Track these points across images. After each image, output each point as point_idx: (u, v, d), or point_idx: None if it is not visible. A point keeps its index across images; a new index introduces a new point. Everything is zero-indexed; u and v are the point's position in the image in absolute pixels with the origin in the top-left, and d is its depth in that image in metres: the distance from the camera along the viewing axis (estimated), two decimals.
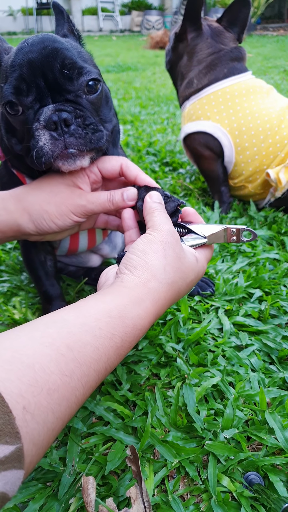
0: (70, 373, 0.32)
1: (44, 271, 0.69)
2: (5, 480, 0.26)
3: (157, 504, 0.47)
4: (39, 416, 0.28)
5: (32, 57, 0.49)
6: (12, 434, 0.26)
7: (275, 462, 0.49)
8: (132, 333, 0.39)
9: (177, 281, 0.45)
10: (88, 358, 0.34)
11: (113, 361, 0.37)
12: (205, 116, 1.09)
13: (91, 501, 0.45)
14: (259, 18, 9.49)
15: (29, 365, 0.29)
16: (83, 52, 0.55)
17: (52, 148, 0.50)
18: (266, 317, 0.75)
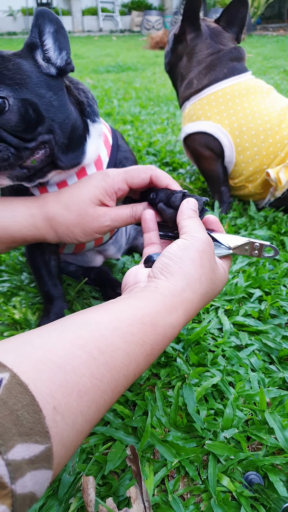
0: (101, 377, 0.32)
1: (47, 271, 0.69)
2: (35, 479, 0.26)
3: (157, 504, 0.47)
4: (69, 417, 0.28)
5: None
6: (42, 434, 0.26)
7: (275, 462, 0.50)
8: (162, 341, 0.39)
9: (208, 292, 0.45)
10: (118, 363, 0.34)
11: (142, 367, 0.37)
12: (206, 117, 1.09)
13: (91, 500, 0.45)
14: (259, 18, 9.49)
15: (60, 366, 0.29)
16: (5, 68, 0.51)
17: None
18: (266, 317, 0.75)
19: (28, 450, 0.25)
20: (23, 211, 0.56)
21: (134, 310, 0.38)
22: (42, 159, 0.55)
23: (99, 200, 0.56)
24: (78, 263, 0.86)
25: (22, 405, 0.26)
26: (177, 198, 0.51)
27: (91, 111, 0.63)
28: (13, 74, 0.51)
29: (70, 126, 0.57)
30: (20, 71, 0.52)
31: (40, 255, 0.69)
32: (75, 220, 0.56)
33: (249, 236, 1.03)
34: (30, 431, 0.26)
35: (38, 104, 0.53)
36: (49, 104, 0.54)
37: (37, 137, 0.53)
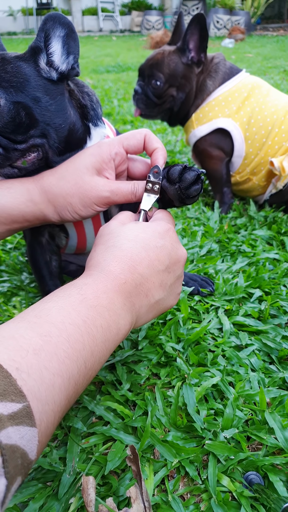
0: (47, 333, 0.34)
1: (48, 271, 0.69)
2: (19, 434, 0.27)
3: (157, 504, 0.47)
4: (34, 374, 0.30)
5: None
6: (17, 393, 0.28)
7: (275, 462, 0.50)
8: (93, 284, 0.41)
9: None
10: (56, 317, 0.36)
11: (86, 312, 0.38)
12: (217, 117, 1.10)
13: (91, 500, 0.45)
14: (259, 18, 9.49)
15: (9, 337, 0.32)
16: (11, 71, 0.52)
17: None
18: (266, 317, 0.75)
19: (6, 407, 0.27)
20: (18, 187, 0.54)
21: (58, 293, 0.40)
22: (34, 162, 0.55)
23: (96, 169, 0.55)
24: (79, 263, 0.86)
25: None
26: (176, 171, 0.51)
27: (94, 115, 0.64)
28: (10, 77, 0.51)
29: (67, 130, 0.57)
30: (19, 74, 0.52)
31: (41, 255, 0.69)
32: (72, 189, 0.53)
33: (249, 236, 1.03)
34: (4, 392, 0.28)
35: (32, 108, 0.53)
36: (44, 109, 0.54)
37: (28, 140, 0.53)
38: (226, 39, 6.39)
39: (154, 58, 1.13)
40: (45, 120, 0.54)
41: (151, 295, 0.45)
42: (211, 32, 7.67)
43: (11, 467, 0.26)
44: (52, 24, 0.54)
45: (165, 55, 1.11)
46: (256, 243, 1.00)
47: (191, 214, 1.17)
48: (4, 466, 0.26)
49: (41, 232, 0.67)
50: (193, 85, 1.12)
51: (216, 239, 1.03)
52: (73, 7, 9.25)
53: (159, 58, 1.11)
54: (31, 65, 0.54)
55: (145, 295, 0.45)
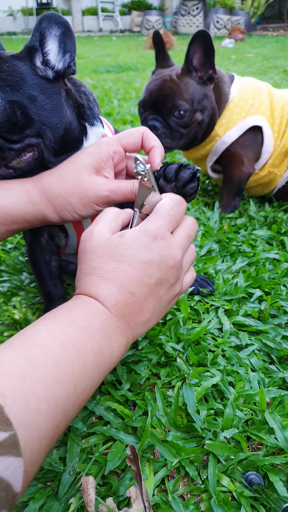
0: (34, 357, 0.32)
1: (48, 271, 0.69)
2: (4, 465, 0.26)
3: (157, 503, 0.47)
4: (19, 399, 0.29)
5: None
6: (4, 422, 0.27)
7: (275, 462, 0.50)
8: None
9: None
10: (44, 339, 0.34)
11: (74, 335, 0.37)
12: (242, 118, 1.08)
13: (91, 500, 0.45)
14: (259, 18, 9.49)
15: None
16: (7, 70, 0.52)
17: None
18: (266, 317, 0.75)
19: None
20: (17, 187, 0.54)
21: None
22: (29, 162, 0.55)
23: (94, 168, 0.54)
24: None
25: None
26: (172, 170, 0.51)
27: (91, 114, 0.63)
28: (6, 75, 0.51)
29: (63, 130, 0.57)
30: (15, 73, 0.52)
31: (41, 255, 0.69)
32: (71, 189, 0.53)
33: (249, 236, 1.03)
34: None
35: (28, 107, 0.53)
36: (40, 108, 0.54)
37: (24, 140, 0.53)
38: (226, 39, 6.39)
39: (165, 88, 1.03)
40: (41, 120, 0.54)
41: (146, 310, 0.43)
42: (211, 32, 7.67)
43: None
44: (48, 24, 0.54)
45: (176, 81, 1.03)
46: (256, 243, 1.00)
47: (191, 214, 1.17)
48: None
49: (40, 232, 0.67)
50: (214, 102, 1.07)
51: (216, 239, 1.03)
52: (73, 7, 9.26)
53: (172, 87, 1.02)
54: (27, 64, 0.54)
55: (139, 311, 0.43)
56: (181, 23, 8.39)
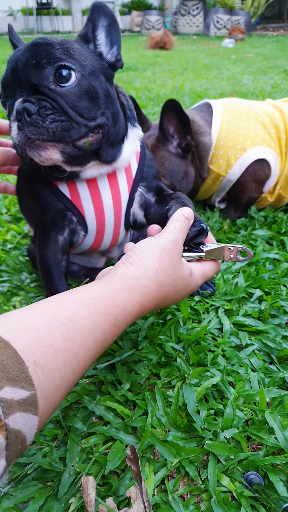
0: (72, 339, 0.36)
1: (58, 270, 0.68)
2: (24, 420, 0.29)
3: (157, 504, 0.47)
4: (48, 371, 0.32)
5: (17, 53, 0.51)
6: (27, 381, 0.30)
7: (275, 462, 0.50)
8: (123, 315, 0.43)
9: (166, 284, 0.49)
10: (86, 329, 0.38)
11: (108, 336, 0.41)
12: (239, 151, 1.01)
13: (91, 500, 0.45)
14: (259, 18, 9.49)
15: (34, 329, 0.34)
16: (73, 49, 0.52)
17: (18, 139, 0.51)
18: (266, 317, 0.75)
19: (16, 393, 0.29)
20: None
21: (95, 288, 0.43)
22: (93, 144, 0.56)
23: None
24: (82, 263, 0.85)
25: (7, 356, 0.30)
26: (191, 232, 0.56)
27: (131, 115, 0.65)
28: (79, 55, 0.53)
29: (118, 120, 0.59)
30: (83, 56, 0.54)
31: (54, 254, 0.67)
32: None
33: (249, 236, 1.03)
34: (16, 378, 0.29)
35: (98, 90, 0.54)
36: (106, 93, 0.55)
37: (97, 118, 0.55)
38: (226, 39, 6.39)
39: None
40: (107, 104, 0.56)
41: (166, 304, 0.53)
42: (211, 32, 7.67)
43: (12, 451, 0.28)
44: (98, 14, 0.56)
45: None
46: (256, 243, 1.00)
47: None
48: (7, 449, 0.27)
49: (62, 229, 0.66)
50: (193, 177, 1.01)
51: (216, 239, 1.03)
52: (73, 7, 9.25)
53: None
54: (88, 49, 0.56)
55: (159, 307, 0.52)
56: (181, 23, 8.39)
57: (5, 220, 1.16)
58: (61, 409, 0.57)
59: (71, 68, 0.51)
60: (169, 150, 0.97)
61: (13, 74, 0.51)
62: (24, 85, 0.51)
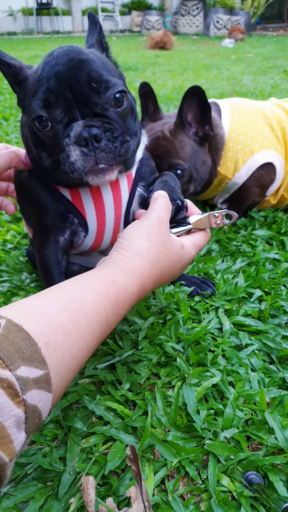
0: (78, 321, 0.39)
1: (58, 271, 0.68)
2: (39, 397, 0.32)
3: (157, 503, 0.47)
4: (59, 351, 0.35)
5: (59, 70, 0.50)
6: (40, 361, 0.33)
7: (275, 461, 0.50)
8: (124, 295, 0.46)
9: (160, 261, 0.52)
10: (90, 311, 0.41)
11: (112, 316, 0.44)
12: (247, 154, 1.00)
13: (91, 500, 0.45)
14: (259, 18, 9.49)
15: (43, 313, 0.36)
16: (108, 63, 0.55)
17: (83, 164, 0.51)
18: (266, 317, 0.75)
19: (31, 372, 0.31)
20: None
21: (93, 274, 0.46)
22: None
23: None
24: (82, 263, 0.85)
25: (20, 339, 0.32)
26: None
27: (139, 120, 0.67)
28: (114, 71, 0.57)
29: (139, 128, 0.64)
30: (116, 71, 0.59)
31: (55, 254, 0.67)
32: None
33: (249, 236, 1.03)
34: (30, 358, 0.32)
35: (133, 104, 0.59)
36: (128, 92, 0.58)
37: (137, 132, 0.59)
38: (226, 39, 6.39)
39: (159, 147, 0.93)
40: (130, 100, 0.59)
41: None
42: (211, 32, 7.67)
43: (30, 424, 0.31)
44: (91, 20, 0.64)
45: (170, 138, 0.93)
46: (256, 243, 1.00)
47: None
48: (26, 422, 0.30)
49: (63, 230, 0.66)
50: (209, 166, 0.98)
51: (216, 239, 1.03)
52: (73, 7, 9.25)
53: (165, 145, 0.93)
54: (109, 61, 0.60)
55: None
56: (181, 23, 8.39)
57: (5, 220, 1.16)
58: (61, 409, 0.57)
59: (125, 91, 0.54)
60: (188, 135, 0.95)
61: (64, 94, 0.50)
62: (81, 107, 0.51)
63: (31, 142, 0.57)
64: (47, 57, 0.52)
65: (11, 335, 0.32)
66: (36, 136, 0.55)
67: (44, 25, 8.98)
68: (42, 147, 0.56)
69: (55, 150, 0.53)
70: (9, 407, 0.28)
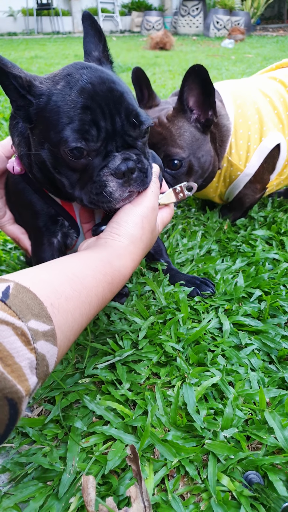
0: (79, 291, 0.43)
1: None
2: (47, 348, 0.35)
3: (157, 503, 0.47)
4: (62, 313, 0.39)
5: (99, 100, 0.50)
6: (47, 318, 0.36)
7: (274, 461, 0.50)
8: (119, 277, 0.51)
9: (148, 245, 0.58)
10: (89, 284, 0.45)
11: (107, 293, 0.49)
12: (257, 141, 0.95)
13: (91, 500, 0.45)
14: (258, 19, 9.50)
15: (47, 281, 0.40)
16: (130, 90, 0.56)
17: (120, 194, 0.54)
18: (266, 317, 0.75)
19: (40, 326, 0.35)
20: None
21: (91, 253, 0.50)
22: None
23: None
24: None
25: (28, 298, 0.36)
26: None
27: None
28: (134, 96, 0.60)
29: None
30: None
31: (51, 256, 0.68)
32: None
33: (248, 236, 1.03)
34: (38, 314, 0.35)
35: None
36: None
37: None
38: (226, 40, 6.39)
39: (153, 135, 0.86)
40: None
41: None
42: (211, 32, 7.67)
43: (40, 371, 0.34)
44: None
45: (166, 124, 0.86)
46: (255, 243, 1.00)
47: (192, 214, 1.17)
48: (36, 368, 0.34)
49: (55, 232, 0.67)
50: (212, 156, 0.91)
51: (216, 239, 1.03)
52: (73, 8, 9.25)
53: (161, 132, 0.86)
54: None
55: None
56: (181, 23, 8.40)
57: None
58: (61, 408, 0.57)
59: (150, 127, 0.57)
60: (188, 121, 0.86)
61: (107, 127, 0.50)
62: (117, 140, 0.52)
63: (49, 164, 0.55)
64: (77, 80, 0.50)
65: (20, 295, 0.35)
66: (59, 160, 0.53)
67: (44, 26, 8.98)
68: (64, 173, 0.54)
69: (85, 178, 0.53)
70: (23, 351, 0.32)
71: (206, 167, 0.92)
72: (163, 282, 0.83)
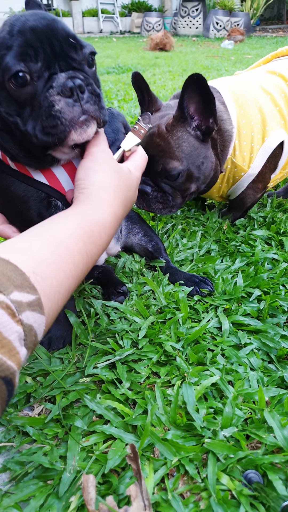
0: (59, 252, 0.42)
1: None
2: (34, 318, 0.35)
3: (157, 502, 0.47)
4: (46, 279, 0.38)
5: (34, 24, 0.49)
6: (31, 287, 0.36)
7: (274, 460, 0.50)
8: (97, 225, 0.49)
9: (120, 186, 0.55)
10: (69, 242, 0.44)
11: (91, 247, 0.48)
12: (259, 141, 0.95)
13: (91, 499, 0.46)
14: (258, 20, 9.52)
15: (26, 248, 0.40)
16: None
17: (72, 114, 0.49)
18: (265, 316, 0.75)
19: (24, 296, 0.35)
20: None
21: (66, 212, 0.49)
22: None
23: None
24: None
25: (9, 269, 0.35)
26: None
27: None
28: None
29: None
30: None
31: None
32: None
33: (248, 236, 1.03)
34: (21, 285, 0.35)
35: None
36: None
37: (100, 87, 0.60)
38: (225, 41, 6.41)
39: (152, 146, 0.86)
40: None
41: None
42: (210, 33, 7.69)
43: (29, 341, 0.34)
44: None
45: (165, 135, 0.86)
46: (255, 243, 1.00)
47: (191, 214, 1.17)
48: (25, 339, 0.34)
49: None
50: (213, 162, 0.91)
51: (215, 239, 1.03)
52: (73, 9, 9.27)
53: (159, 144, 0.86)
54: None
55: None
56: (181, 24, 8.41)
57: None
58: (62, 408, 0.58)
59: (95, 54, 0.55)
60: (187, 131, 0.86)
61: (44, 47, 0.48)
62: (60, 62, 0.50)
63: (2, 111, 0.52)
64: (12, 18, 0.51)
65: (0, 268, 0.35)
66: (8, 99, 0.51)
67: None
68: (16, 112, 0.52)
69: (34, 108, 0.50)
70: (10, 324, 0.32)
71: (207, 173, 0.92)
72: (163, 282, 0.83)
